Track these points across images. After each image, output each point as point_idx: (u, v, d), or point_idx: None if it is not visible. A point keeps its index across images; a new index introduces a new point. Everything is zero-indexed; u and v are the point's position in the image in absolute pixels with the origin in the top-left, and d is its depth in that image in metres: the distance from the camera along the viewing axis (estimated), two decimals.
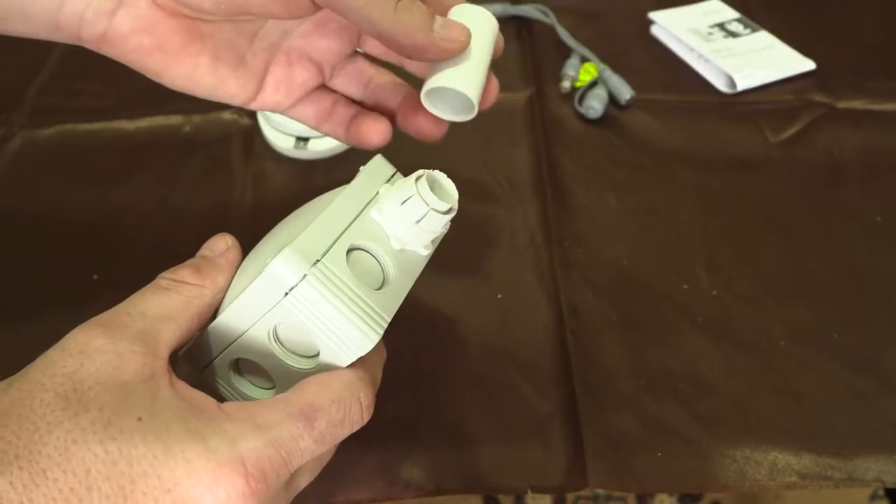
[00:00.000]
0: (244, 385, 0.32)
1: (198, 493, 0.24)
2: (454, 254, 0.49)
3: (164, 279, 0.29)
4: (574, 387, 0.41)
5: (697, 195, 0.52)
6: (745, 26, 0.66)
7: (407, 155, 0.35)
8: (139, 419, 0.24)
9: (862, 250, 0.48)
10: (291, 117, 0.36)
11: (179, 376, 0.27)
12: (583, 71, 0.60)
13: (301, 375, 0.29)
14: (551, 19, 0.65)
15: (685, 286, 0.46)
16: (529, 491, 0.37)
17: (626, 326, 0.44)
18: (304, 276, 0.27)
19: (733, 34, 0.65)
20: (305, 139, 0.53)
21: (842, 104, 0.59)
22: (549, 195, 0.52)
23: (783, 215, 0.50)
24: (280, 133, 0.54)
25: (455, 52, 0.30)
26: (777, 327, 0.44)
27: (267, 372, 0.31)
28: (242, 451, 0.25)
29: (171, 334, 0.28)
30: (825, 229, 0.49)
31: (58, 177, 0.53)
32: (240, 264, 0.31)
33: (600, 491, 0.37)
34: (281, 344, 0.30)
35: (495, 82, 0.33)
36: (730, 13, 0.67)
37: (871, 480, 0.37)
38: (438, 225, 0.30)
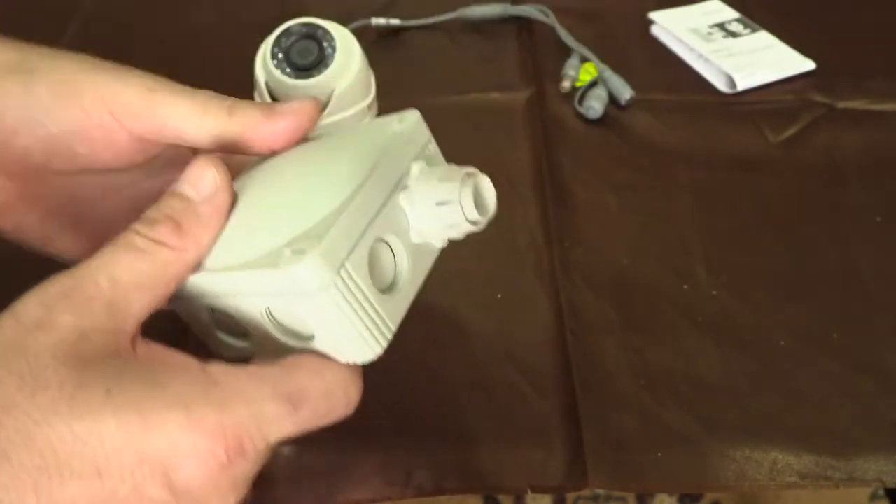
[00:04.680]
0: (217, 329, 0.30)
1: (175, 461, 0.23)
2: (454, 253, 0.49)
3: (139, 237, 0.25)
4: (574, 387, 0.41)
5: (697, 195, 0.52)
6: (745, 26, 0.66)
7: None
8: (107, 391, 0.22)
9: (862, 250, 0.48)
10: None
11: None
12: (583, 71, 0.60)
13: (286, 349, 0.27)
14: (551, 19, 0.65)
15: (685, 286, 0.46)
16: (529, 491, 0.37)
17: (626, 326, 0.44)
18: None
19: (733, 34, 0.65)
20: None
21: (842, 104, 0.59)
22: (549, 195, 0.52)
23: (783, 215, 0.50)
24: None
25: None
26: (777, 327, 0.44)
27: (245, 328, 0.28)
28: (226, 421, 0.23)
29: (142, 306, 0.25)
30: (825, 229, 0.49)
31: None
32: (230, 210, 0.27)
33: (600, 491, 0.37)
34: (273, 318, 0.27)
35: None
36: (730, 13, 0.67)
37: (871, 480, 0.37)
38: (468, 230, 0.28)
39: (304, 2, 0.69)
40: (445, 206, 0.27)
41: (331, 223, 0.25)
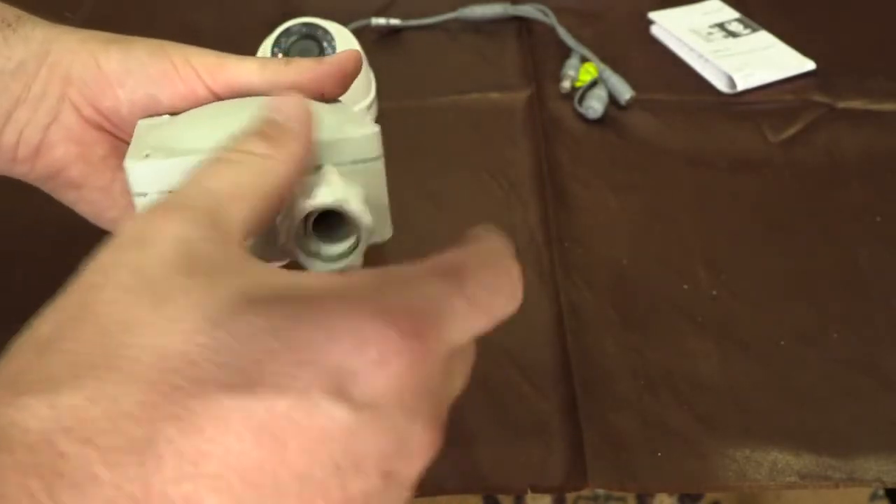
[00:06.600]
0: None
1: (339, 359, 0.18)
2: None
3: (228, 151, 0.23)
4: (574, 387, 0.41)
5: (697, 195, 0.52)
6: (745, 26, 0.66)
7: (404, 155, 0.35)
8: (242, 294, 0.18)
9: (862, 250, 0.48)
10: None
11: None
12: (583, 71, 0.60)
13: None
14: (551, 19, 0.65)
15: (685, 286, 0.46)
16: (529, 491, 0.37)
17: (626, 326, 0.44)
18: None
19: (733, 34, 0.65)
20: None
21: (842, 104, 0.59)
22: (549, 195, 0.52)
23: (783, 215, 0.50)
24: None
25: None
26: (777, 327, 0.44)
27: None
28: (390, 303, 0.19)
29: (243, 217, 0.22)
30: (825, 229, 0.49)
31: None
32: (314, 129, 0.26)
33: (600, 491, 0.37)
34: None
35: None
36: (730, 13, 0.67)
37: (871, 480, 0.37)
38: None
39: (304, 2, 0.69)
40: (284, 217, 0.26)
41: (199, 153, 0.24)
